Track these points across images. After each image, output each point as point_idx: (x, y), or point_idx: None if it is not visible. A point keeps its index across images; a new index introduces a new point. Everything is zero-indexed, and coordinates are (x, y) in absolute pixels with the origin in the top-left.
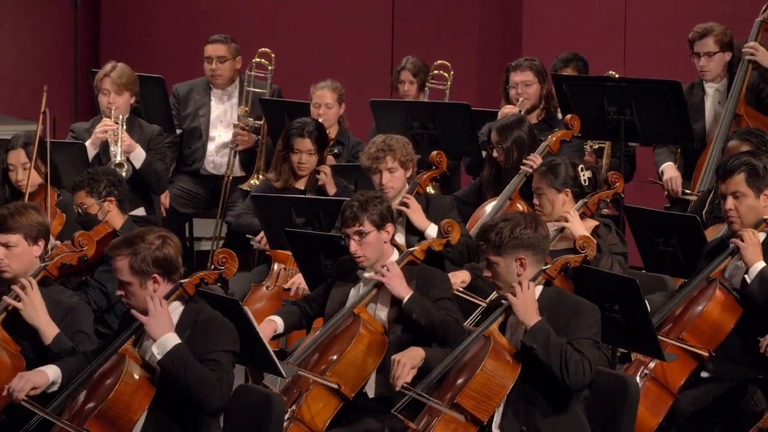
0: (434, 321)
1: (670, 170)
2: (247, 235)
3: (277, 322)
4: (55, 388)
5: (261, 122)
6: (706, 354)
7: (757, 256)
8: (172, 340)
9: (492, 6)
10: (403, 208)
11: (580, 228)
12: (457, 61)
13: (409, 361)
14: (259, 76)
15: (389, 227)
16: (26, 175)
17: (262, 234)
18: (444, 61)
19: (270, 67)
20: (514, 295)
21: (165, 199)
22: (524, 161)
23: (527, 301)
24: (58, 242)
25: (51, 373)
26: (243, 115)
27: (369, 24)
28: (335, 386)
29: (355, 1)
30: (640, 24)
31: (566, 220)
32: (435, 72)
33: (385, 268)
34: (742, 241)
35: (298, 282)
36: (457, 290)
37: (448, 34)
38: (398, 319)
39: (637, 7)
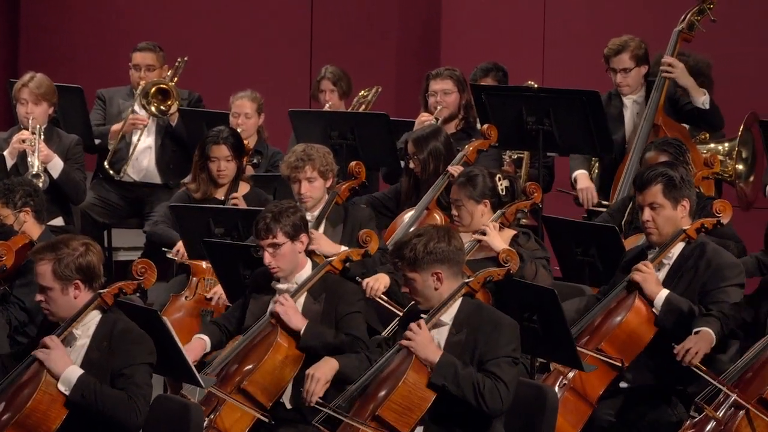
0: (333, 347)
1: (583, 179)
2: (163, 248)
3: (206, 341)
4: None
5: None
6: (620, 364)
7: (657, 287)
8: (74, 372)
9: (411, 16)
10: (312, 247)
11: (499, 242)
12: (376, 71)
13: (323, 376)
14: None
15: (303, 237)
16: None
17: (178, 246)
18: (377, 87)
19: None
20: (409, 339)
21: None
22: (447, 169)
23: (424, 340)
24: None
25: None
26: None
27: (287, 34)
28: (244, 407)
29: (274, 11)
30: (558, 34)
31: (484, 234)
32: (364, 93)
33: (279, 301)
34: (637, 275)
35: (220, 292)
36: (380, 298)
37: (366, 44)
38: None
39: (556, 18)
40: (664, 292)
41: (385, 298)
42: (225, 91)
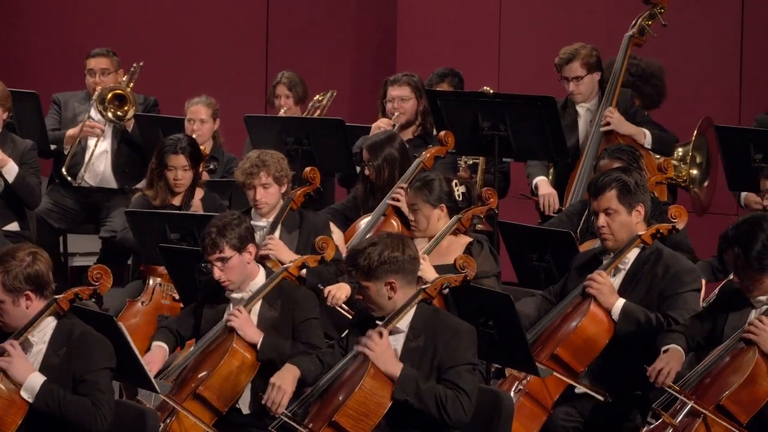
0: (291, 357)
1: (545, 186)
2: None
3: (166, 349)
4: None
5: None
6: (581, 370)
7: (612, 297)
8: (37, 379)
9: (367, 21)
10: (268, 251)
11: (431, 274)
12: (332, 77)
13: (289, 388)
14: None
15: (251, 248)
16: None
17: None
18: (332, 91)
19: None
20: (369, 348)
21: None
22: (392, 196)
23: (384, 352)
24: None
25: None
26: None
27: (244, 39)
28: (196, 419)
29: (230, 16)
30: (514, 40)
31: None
32: (319, 97)
33: (234, 314)
34: (591, 287)
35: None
36: (340, 306)
37: (322, 49)
38: None
39: (511, 23)
40: (620, 302)
41: (346, 307)
42: (180, 97)
